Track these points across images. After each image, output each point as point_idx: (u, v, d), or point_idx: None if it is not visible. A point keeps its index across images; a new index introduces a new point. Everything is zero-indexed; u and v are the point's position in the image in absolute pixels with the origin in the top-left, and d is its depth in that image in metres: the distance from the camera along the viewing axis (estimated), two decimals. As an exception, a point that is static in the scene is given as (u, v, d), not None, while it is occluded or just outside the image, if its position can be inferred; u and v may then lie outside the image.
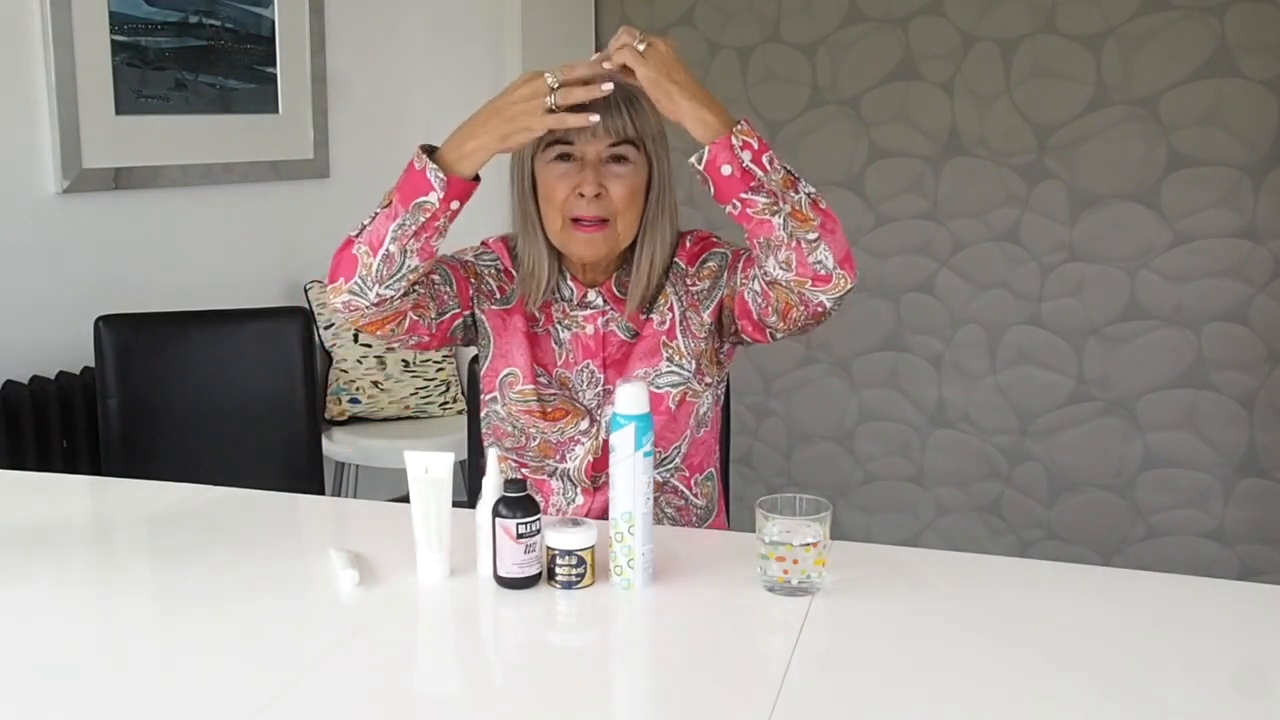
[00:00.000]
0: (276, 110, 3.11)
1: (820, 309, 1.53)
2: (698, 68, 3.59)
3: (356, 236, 1.54)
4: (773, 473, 3.70)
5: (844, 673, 1.22)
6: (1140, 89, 3.14)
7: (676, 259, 1.71)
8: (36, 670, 1.23)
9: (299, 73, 3.14)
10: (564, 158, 1.59)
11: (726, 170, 1.45)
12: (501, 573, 1.39)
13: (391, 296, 1.55)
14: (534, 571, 1.39)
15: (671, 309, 1.69)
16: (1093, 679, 1.18)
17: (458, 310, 1.68)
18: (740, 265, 1.65)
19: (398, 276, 1.53)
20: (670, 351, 1.68)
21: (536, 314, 1.71)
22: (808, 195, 1.48)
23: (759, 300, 1.57)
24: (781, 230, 1.46)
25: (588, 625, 1.37)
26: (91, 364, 2.50)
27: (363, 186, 3.36)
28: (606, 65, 1.49)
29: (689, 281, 1.70)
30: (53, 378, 2.61)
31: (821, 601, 1.35)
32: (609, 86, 1.48)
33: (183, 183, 2.92)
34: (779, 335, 1.61)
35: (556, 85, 1.46)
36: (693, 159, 1.47)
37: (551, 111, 1.46)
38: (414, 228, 1.50)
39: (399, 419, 3.12)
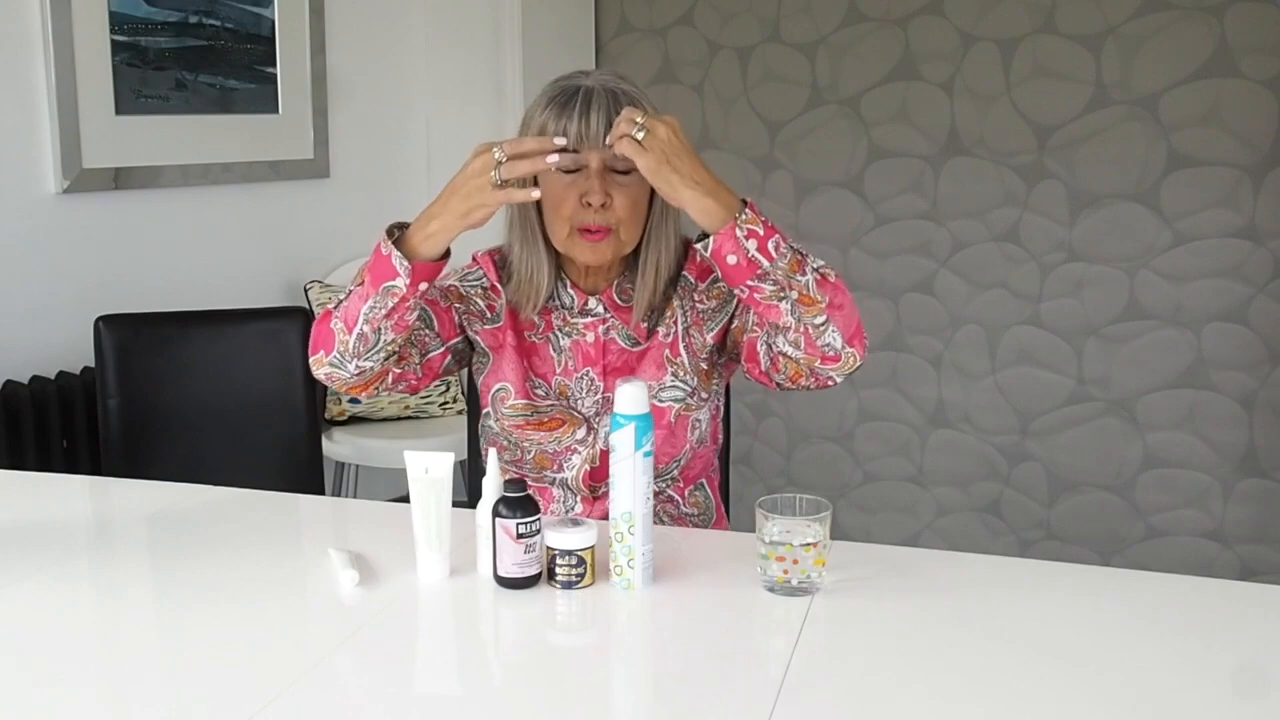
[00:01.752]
0: (276, 110, 3.11)
1: (830, 382, 1.57)
2: (698, 68, 3.60)
3: (334, 310, 1.56)
4: (773, 473, 3.70)
5: (844, 673, 1.22)
6: (1140, 89, 3.14)
7: (685, 272, 1.70)
8: (36, 670, 1.23)
9: (299, 73, 3.14)
10: (569, 169, 1.58)
11: (732, 260, 1.45)
12: (501, 573, 1.39)
13: (371, 367, 1.57)
14: (534, 571, 1.39)
15: (676, 322, 1.69)
16: (1093, 679, 1.18)
17: (442, 348, 1.68)
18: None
19: (375, 350, 1.55)
20: (675, 367, 1.68)
21: (536, 320, 1.70)
22: (815, 274, 1.48)
23: (769, 360, 1.58)
24: (789, 316, 1.48)
25: (588, 625, 1.37)
26: (91, 364, 2.50)
27: (363, 186, 3.37)
28: (560, 143, 1.49)
29: (696, 298, 1.69)
30: (53, 378, 2.61)
31: (821, 601, 1.35)
32: (554, 159, 1.47)
33: (183, 183, 2.92)
34: (784, 389, 1.62)
35: (503, 159, 1.45)
36: (698, 245, 1.47)
37: (500, 186, 1.45)
38: (383, 311, 1.51)
39: (399, 419, 3.12)
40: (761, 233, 1.45)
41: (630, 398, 1.37)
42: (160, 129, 2.85)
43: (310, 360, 1.60)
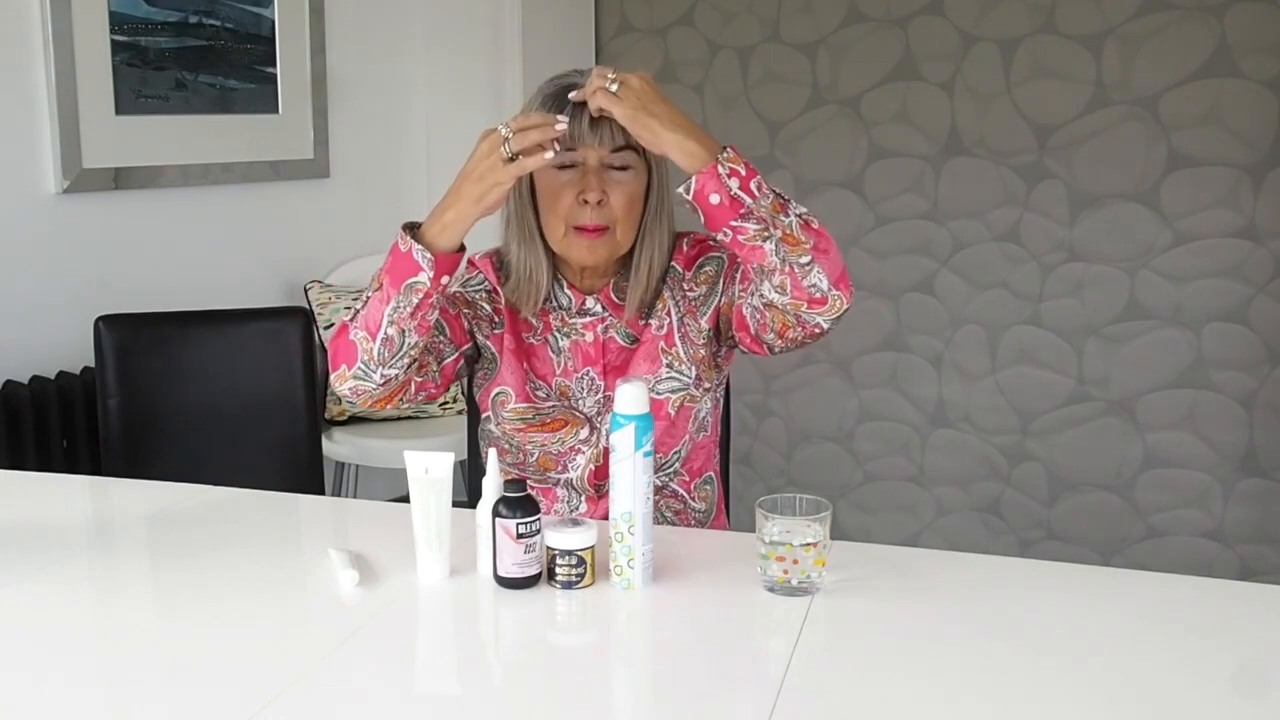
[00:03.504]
0: (276, 110, 3.11)
1: (817, 329, 1.54)
2: (698, 68, 3.60)
3: (351, 322, 1.54)
4: (773, 473, 3.70)
5: (844, 673, 1.22)
6: (1140, 89, 3.14)
7: (674, 263, 1.70)
8: (36, 670, 1.23)
9: (299, 73, 3.14)
10: (566, 165, 1.59)
11: (715, 199, 1.44)
12: (501, 573, 1.39)
13: (397, 375, 1.56)
14: (534, 571, 1.39)
15: (669, 314, 1.69)
16: (1092, 679, 1.18)
17: (456, 354, 1.68)
18: (738, 276, 1.64)
19: (400, 355, 1.54)
20: (670, 358, 1.68)
21: (534, 321, 1.71)
22: (799, 217, 1.47)
23: (756, 317, 1.57)
24: (774, 256, 1.46)
25: (588, 625, 1.37)
26: (91, 364, 2.50)
27: (363, 186, 3.37)
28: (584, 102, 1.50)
29: (686, 286, 1.70)
30: (53, 378, 2.61)
31: (821, 601, 1.35)
32: (563, 125, 1.48)
33: (183, 183, 2.92)
34: (776, 351, 1.61)
35: (510, 134, 1.45)
36: (680, 188, 1.46)
37: (511, 160, 1.45)
38: (408, 309, 1.50)
39: (399, 419, 3.12)
40: (744, 172, 1.44)
41: (630, 398, 1.37)
42: (160, 129, 2.85)
43: (332, 377, 1.58)
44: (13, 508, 1.74)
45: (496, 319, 1.71)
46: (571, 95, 1.53)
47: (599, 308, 1.70)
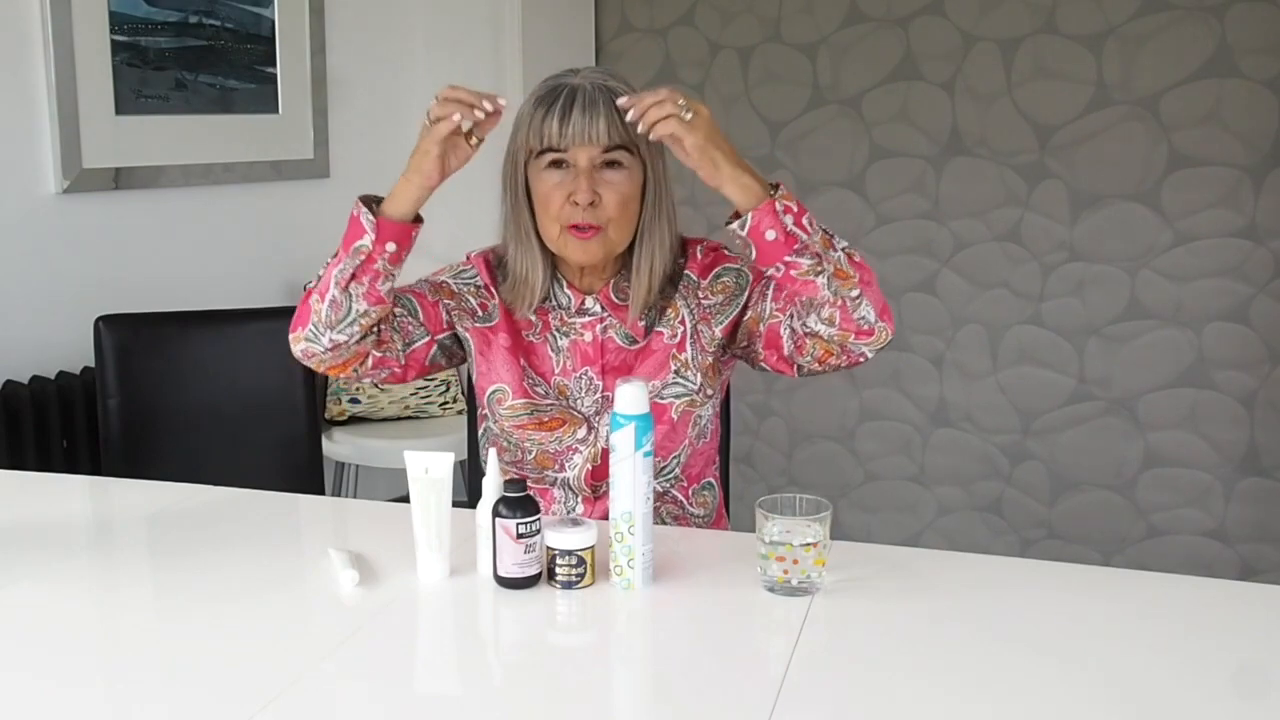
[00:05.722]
0: (276, 110, 3.11)
1: (861, 358, 1.57)
2: (698, 68, 3.60)
3: (313, 287, 1.59)
4: (773, 472, 3.70)
5: (844, 673, 1.22)
6: (1140, 89, 3.14)
7: (688, 271, 1.70)
8: (36, 670, 1.23)
9: (299, 73, 3.14)
10: (557, 165, 1.58)
11: (771, 235, 1.47)
12: (501, 573, 1.39)
13: (345, 341, 1.58)
14: (534, 571, 1.39)
15: (683, 322, 1.68)
16: (1093, 679, 1.18)
17: (428, 338, 1.68)
18: (769, 294, 1.64)
19: (347, 321, 1.57)
20: (679, 365, 1.67)
21: (533, 320, 1.70)
22: (844, 251, 1.51)
23: (794, 341, 1.59)
24: (826, 290, 1.49)
25: (588, 625, 1.37)
26: (91, 364, 2.50)
27: (363, 186, 3.33)
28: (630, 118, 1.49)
29: (701, 295, 1.69)
30: (53, 378, 2.61)
31: (821, 601, 1.35)
32: (501, 103, 1.51)
33: (183, 183, 2.92)
34: (805, 373, 1.63)
35: (433, 103, 1.50)
36: (734, 225, 1.49)
37: (432, 124, 1.50)
38: (351, 270, 1.55)
39: (399, 419, 3.12)
40: (796, 209, 1.48)
41: (630, 397, 1.37)
42: (160, 129, 2.85)
43: (290, 338, 1.62)
44: (13, 508, 1.74)
45: (481, 313, 1.71)
46: (621, 101, 1.52)
47: (598, 307, 1.69)
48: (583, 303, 1.69)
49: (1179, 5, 3.07)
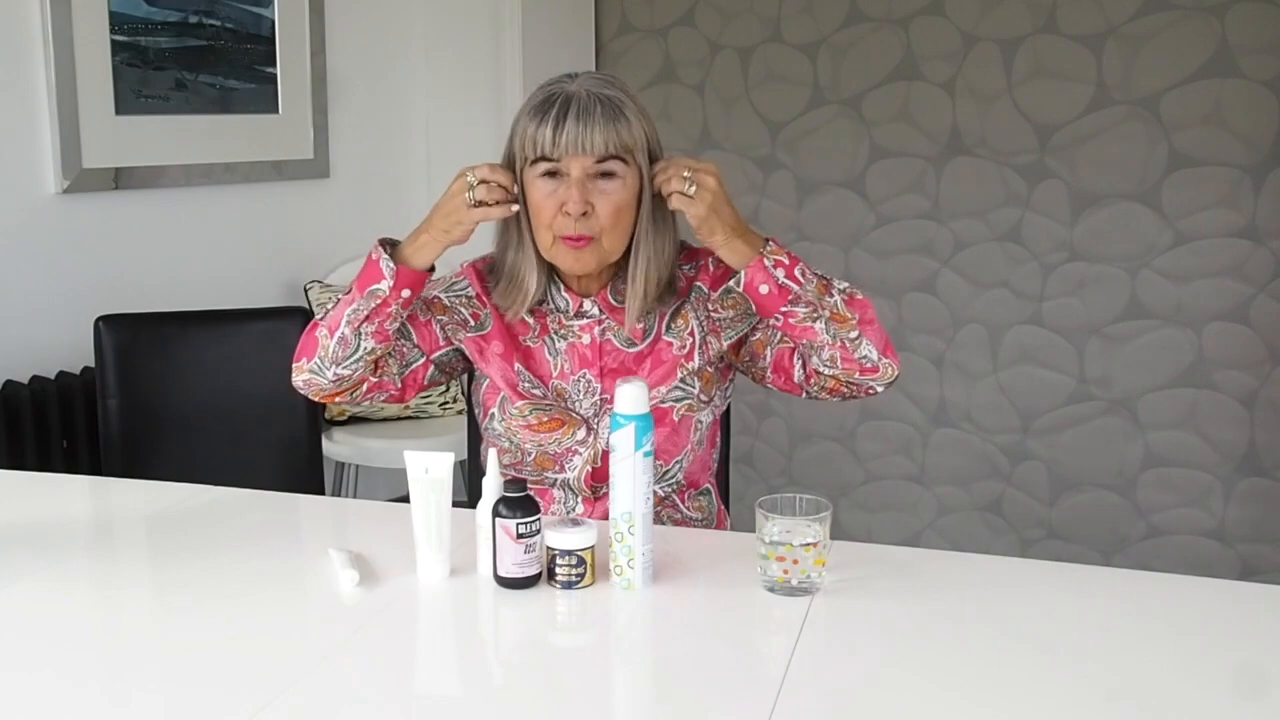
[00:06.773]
0: (276, 110, 3.11)
1: (871, 391, 1.63)
2: (698, 68, 3.60)
3: (321, 320, 1.63)
4: (774, 472, 3.70)
5: (844, 673, 1.22)
6: (1141, 89, 3.14)
7: (699, 283, 1.70)
8: (36, 669, 1.23)
9: (299, 73, 3.14)
10: (551, 174, 1.58)
11: (764, 289, 1.54)
12: (501, 573, 1.39)
13: (349, 375, 1.63)
14: (534, 571, 1.39)
15: (693, 333, 1.68)
16: (1093, 678, 1.18)
17: (423, 359, 1.71)
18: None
19: (354, 358, 1.61)
20: (684, 373, 1.68)
21: (531, 323, 1.70)
22: (842, 294, 1.58)
23: (802, 372, 1.64)
24: (825, 334, 1.56)
25: (588, 625, 1.37)
26: (91, 364, 2.50)
27: (363, 186, 3.37)
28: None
29: (711, 307, 1.69)
30: (53, 378, 2.61)
31: (821, 601, 1.35)
32: (516, 208, 1.58)
33: (183, 183, 2.92)
34: (813, 396, 1.67)
35: (476, 183, 1.55)
36: (730, 282, 1.56)
37: (476, 206, 1.56)
38: (365, 312, 1.59)
39: (399, 419, 3.12)
40: (787, 262, 1.55)
41: (630, 398, 1.37)
42: (160, 129, 2.85)
43: (293, 367, 1.65)
44: (13, 508, 1.74)
45: (474, 323, 1.71)
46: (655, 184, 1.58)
47: (596, 310, 1.69)
48: (580, 305, 1.69)
49: (1179, 5, 3.07)
